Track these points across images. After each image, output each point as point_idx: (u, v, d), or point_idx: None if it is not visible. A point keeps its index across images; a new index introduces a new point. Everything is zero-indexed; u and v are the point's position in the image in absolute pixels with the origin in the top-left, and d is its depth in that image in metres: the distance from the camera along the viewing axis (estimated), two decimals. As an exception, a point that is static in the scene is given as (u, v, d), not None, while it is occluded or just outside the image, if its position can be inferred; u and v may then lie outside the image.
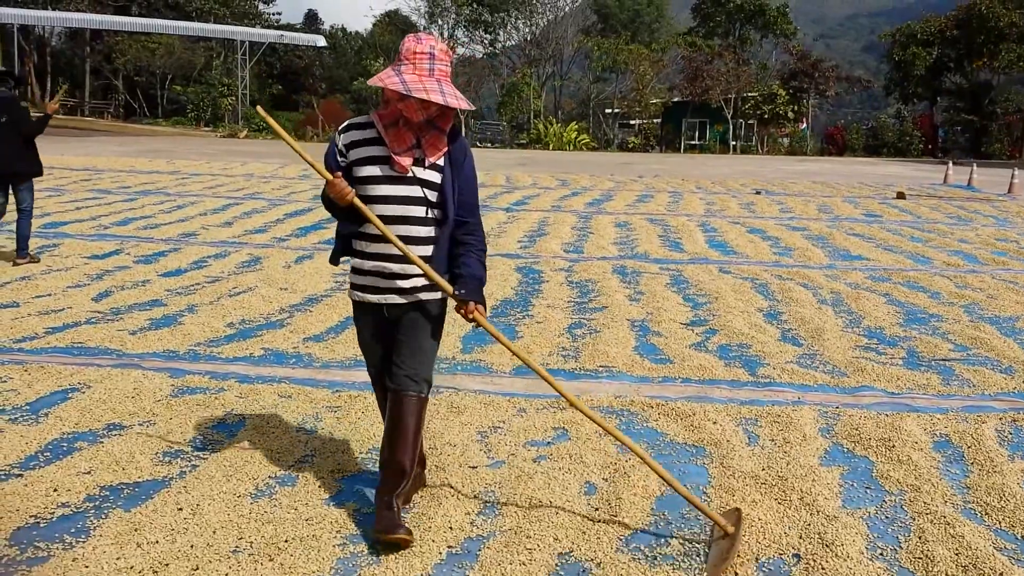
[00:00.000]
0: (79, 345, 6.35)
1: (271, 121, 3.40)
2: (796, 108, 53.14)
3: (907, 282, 9.61)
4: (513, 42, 64.36)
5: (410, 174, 3.52)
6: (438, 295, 3.71)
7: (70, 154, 26.28)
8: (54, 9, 58.60)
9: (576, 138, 50.45)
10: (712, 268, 10.23)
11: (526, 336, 6.93)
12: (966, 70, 54.88)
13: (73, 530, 3.64)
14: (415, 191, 3.54)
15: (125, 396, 5.25)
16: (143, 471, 4.25)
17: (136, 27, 56.58)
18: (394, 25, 65.16)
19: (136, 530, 3.63)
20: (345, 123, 3.69)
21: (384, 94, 3.52)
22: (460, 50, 61.31)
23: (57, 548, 3.48)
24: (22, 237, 9.41)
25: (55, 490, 4.00)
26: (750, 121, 53.38)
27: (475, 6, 61.15)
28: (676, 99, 55.37)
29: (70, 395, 5.26)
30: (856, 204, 18.24)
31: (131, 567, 3.34)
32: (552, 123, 52.39)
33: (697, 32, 62.61)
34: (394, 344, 3.70)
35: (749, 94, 53.02)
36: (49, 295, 7.89)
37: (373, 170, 3.55)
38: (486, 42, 63.67)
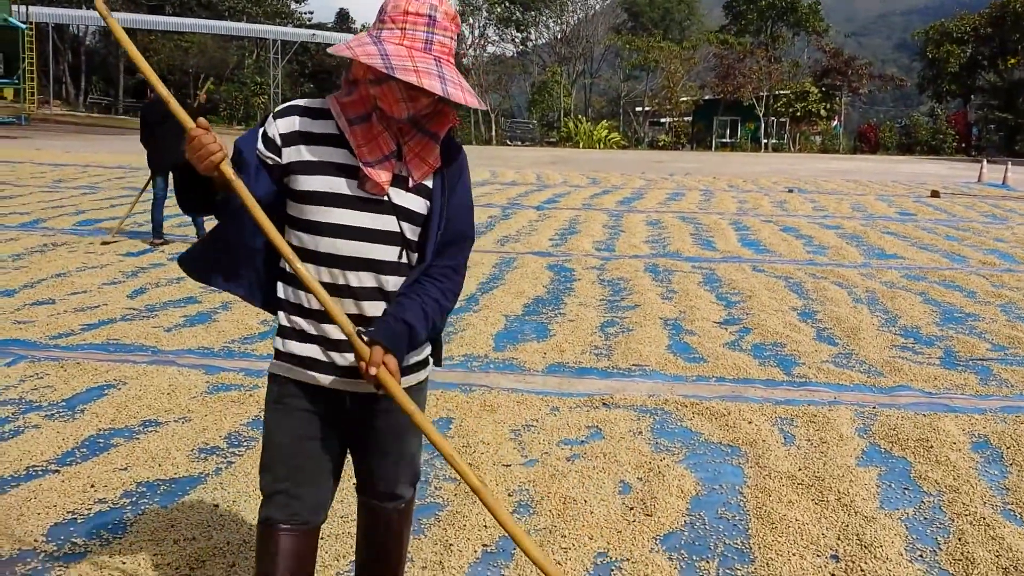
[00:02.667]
0: (115, 342, 6.40)
1: (112, 23, 2.31)
2: (829, 106, 52.78)
3: (943, 281, 9.50)
4: (544, 40, 64.37)
5: (385, 198, 2.36)
6: (424, 374, 2.63)
7: (104, 152, 26.54)
8: (88, 9, 59.20)
9: (606, 136, 50.36)
10: (745, 267, 10.16)
11: (558, 334, 6.91)
12: (1000, 68, 54.24)
13: (110, 526, 3.66)
14: (388, 223, 2.37)
15: (160, 393, 5.29)
16: (179, 467, 4.27)
17: (169, 26, 57.04)
18: (424, 24, 65.14)
19: (172, 526, 3.65)
20: (286, 104, 2.46)
21: (350, 71, 2.36)
22: (491, 48, 61.38)
23: (94, 544, 3.50)
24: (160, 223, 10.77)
25: (92, 486, 4.03)
26: (782, 119, 53.08)
27: (507, 4, 61.18)
28: (707, 97, 55.17)
29: (106, 392, 5.30)
30: (890, 202, 18.07)
31: (168, 563, 3.36)
32: (582, 121, 52.33)
33: (729, 30, 62.34)
34: (363, 450, 2.60)
35: (781, 92, 52.69)
36: (85, 292, 7.96)
37: (330, 185, 2.35)
38: (517, 40, 63.72)
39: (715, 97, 53.75)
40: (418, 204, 2.40)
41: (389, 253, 2.38)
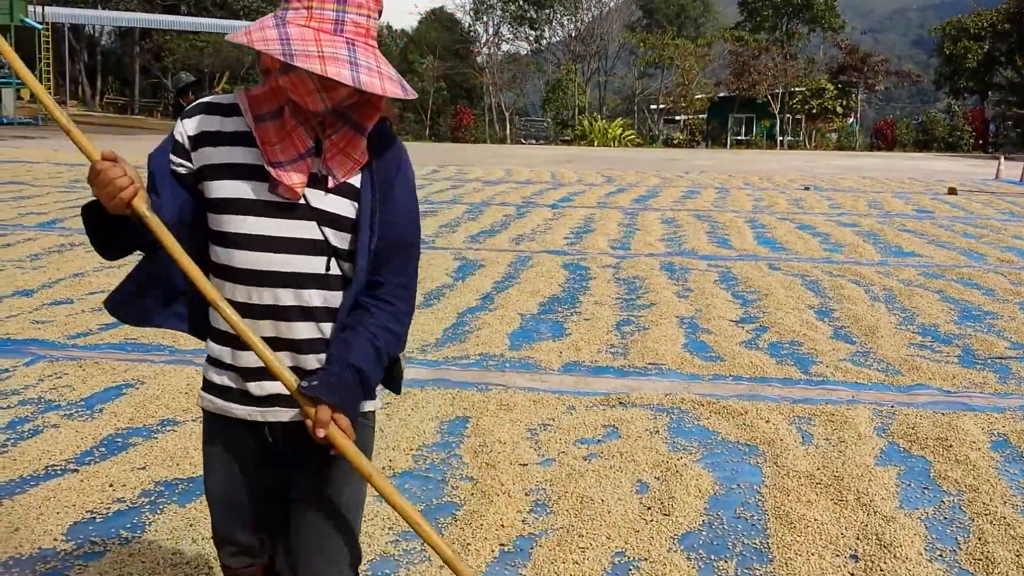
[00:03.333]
0: (132, 341, 6.42)
1: (16, 63, 2.04)
2: (845, 103, 52.56)
3: (961, 279, 9.45)
4: (558, 38, 64.33)
5: (302, 201, 2.06)
6: (370, 405, 2.27)
7: (121, 152, 26.53)
8: (104, 9, 59.50)
9: (621, 134, 50.28)
10: (761, 265, 10.12)
11: (574, 333, 6.90)
12: (1018, 64, 53.88)
13: (129, 525, 3.68)
14: (309, 230, 2.07)
15: (178, 392, 5.30)
16: (197, 466, 4.28)
17: (185, 26, 57.26)
18: (439, 22, 65.30)
19: (191, 525, 3.66)
20: (196, 102, 2.19)
21: (261, 59, 2.05)
22: (505, 47, 61.38)
23: (113, 543, 3.52)
24: None
25: (111, 485, 4.04)
26: (797, 116, 52.89)
27: (520, 2, 61.17)
28: (722, 94, 55.00)
29: (124, 391, 5.33)
30: (907, 200, 17.98)
31: (186, 562, 3.37)
32: (597, 119, 52.26)
33: (744, 26, 62.15)
34: (291, 506, 2.24)
35: (796, 89, 52.51)
36: (103, 292, 7.99)
37: (241, 190, 2.07)
38: (531, 38, 63.71)
39: (730, 94, 53.60)
40: (343, 206, 2.08)
41: (313, 264, 2.08)
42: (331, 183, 2.06)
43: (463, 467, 4.34)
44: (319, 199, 2.06)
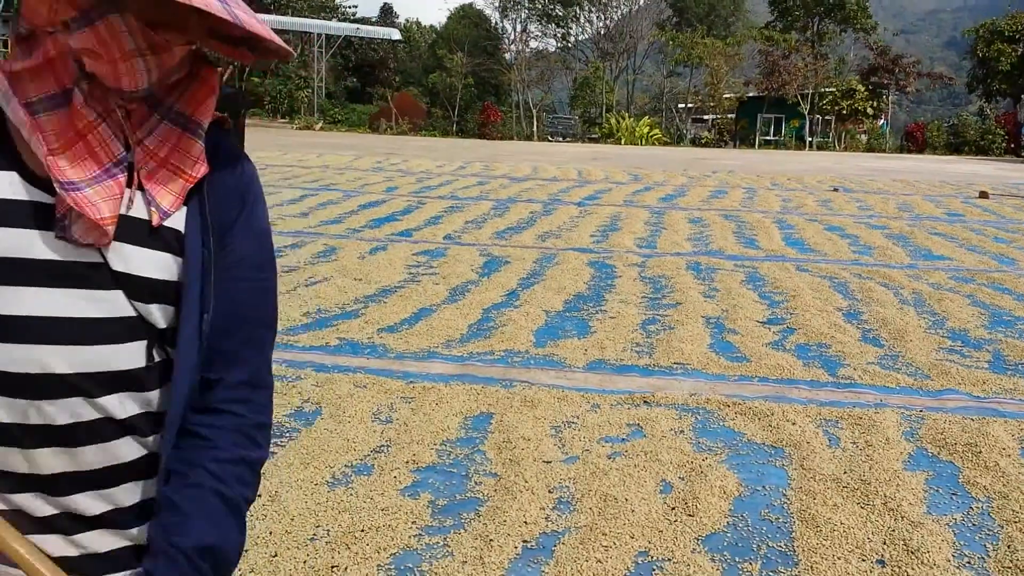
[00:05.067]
0: None
1: None
2: (875, 104, 52.12)
3: (991, 283, 9.34)
4: (586, 36, 64.20)
5: (104, 256, 1.21)
6: None
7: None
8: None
9: (648, 133, 50.09)
10: (789, 266, 10.05)
11: (599, 331, 6.87)
12: (1053, 68, 53.28)
13: (154, 513, 3.68)
14: (113, 306, 1.22)
15: (204, 382, 5.31)
16: (221, 457, 4.30)
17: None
18: (468, 18, 65.33)
19: (215, 515, 3.67)
20: None
21: (21, 16, 1.22)
22: (533, 43, 61.34)
23: (138, 531, 3.52)
24: None
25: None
26: (827, 117, 52.49)
27: (546, 0, 61.13)
28: (751, 94, 54.67)
29: None
30: (937, 203, 17.80)
31: (210, 552, 3.37)
32: (624, 118, 52.10)
33: (774, 26, 61.75)
34: None
35: (827, 89, 52.12)
36: None
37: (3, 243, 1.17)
38: (558, 36, 63.64)
39: (759, 94, 53.28)
40: (160, 264, 1.25)
41: (126, 357, 1.24)
42: (154, 220, 1.24)
43: (487, 463, 4.33)
44: (123, 255, 1.22)
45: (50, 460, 1.21)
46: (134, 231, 1.22)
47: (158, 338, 1.27)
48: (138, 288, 1.23)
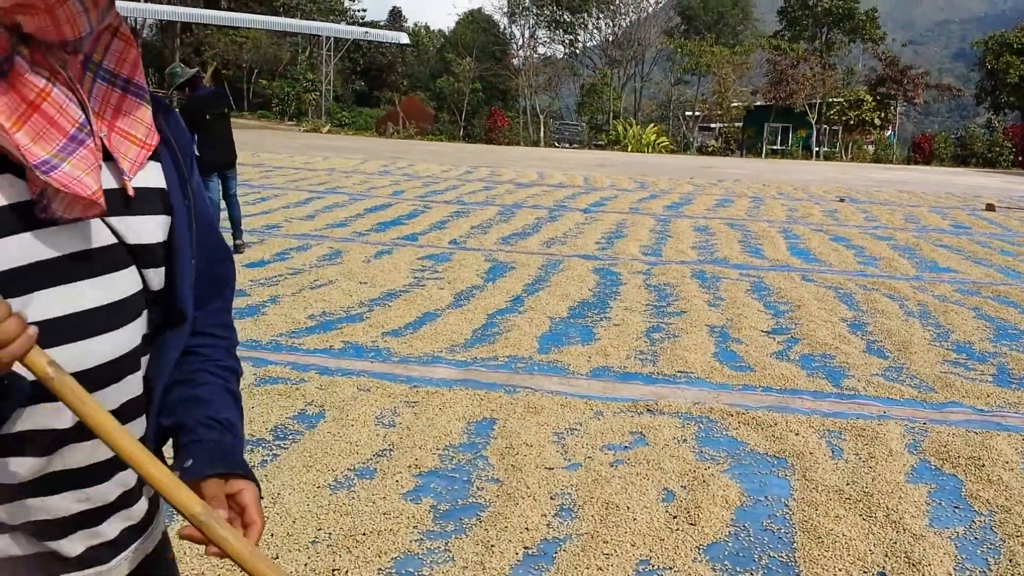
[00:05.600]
0: None
1: None
2: (883, 115, 52.07)
3: (997, 296, 9.32)
4: (594, 42, 64.22)
5: (110, 238, 1.24)
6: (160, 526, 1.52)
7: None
8: (146, 2, 60.13)
9: (655, 140, 50.08)
10: (794, 276, 10.04)
11: (603, 338, 6.87)
12: (1061, 81, 53.22)
13: (156, 514, 3.69)
14: (128, 282, 1.27)
15: (208, 384, 5.32)
16: (224, 458, 4.30)
17: (224, 21, 57.78)
18: (476, 23, 65.41)
19: (217, 517, 3.67)
20: None
21: None
22: (541, 49, 61.36)
23: (140, 531, 3.53)
24: (237, 220, 10.20)
25: (139, 474, 4.06)
26: (834, 127, 52.44)
27: (554, 7, 61.15)
28: (759, 103, 54.66)
29: None
30: (944, 215, 17.78)
31: (212, 553, 3.37)
32: (631, 125, 52.11)
33: (783, 35, 61.75)
34: None
35: (834, 99, 52.09)
36: None
37: (13, 252, 1.13)
38: (567, 42, 63.66)
39: (767, 103, 53.26)
40: (162, 227, 1.30)
41: (142, 327, 1.30)
42: (129, 188, 1.24)
43: (489, 468, 4.33)
44: (134, 230, 1.25)
45: (99, 449, 1.23)
46: (137, 200, 1.26)
47: (149, 307, 1.32)
48: (149, 256, 1.28)
